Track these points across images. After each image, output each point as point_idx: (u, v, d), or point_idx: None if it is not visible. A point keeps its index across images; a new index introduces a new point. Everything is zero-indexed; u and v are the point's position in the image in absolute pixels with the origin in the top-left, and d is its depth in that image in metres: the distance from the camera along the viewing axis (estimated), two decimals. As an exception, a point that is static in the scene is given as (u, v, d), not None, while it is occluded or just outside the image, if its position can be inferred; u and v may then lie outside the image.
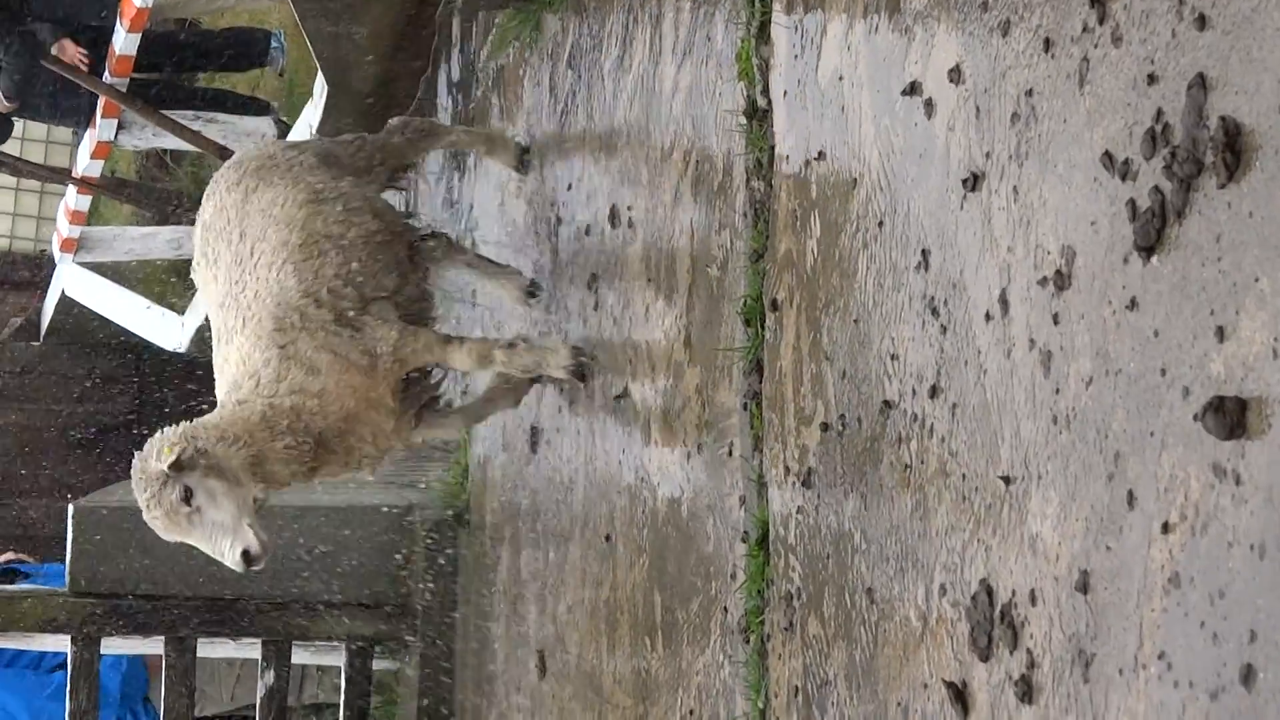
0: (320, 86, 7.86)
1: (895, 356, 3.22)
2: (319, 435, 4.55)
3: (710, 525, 4.12)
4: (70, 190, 10.82)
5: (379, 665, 6.95)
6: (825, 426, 3.51)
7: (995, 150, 2.88)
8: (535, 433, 5.61)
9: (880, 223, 3.30)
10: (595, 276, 5.04)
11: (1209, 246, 2.32)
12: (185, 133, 9.33)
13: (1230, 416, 2.24)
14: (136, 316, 11.26)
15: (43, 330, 13.15)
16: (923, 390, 3.10)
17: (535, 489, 5.61)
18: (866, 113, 3.39)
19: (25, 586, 6.96)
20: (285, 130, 9.38)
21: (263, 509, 4.49)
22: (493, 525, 6.20)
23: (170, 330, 10.89)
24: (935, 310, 3.06)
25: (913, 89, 3.18)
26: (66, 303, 12.06)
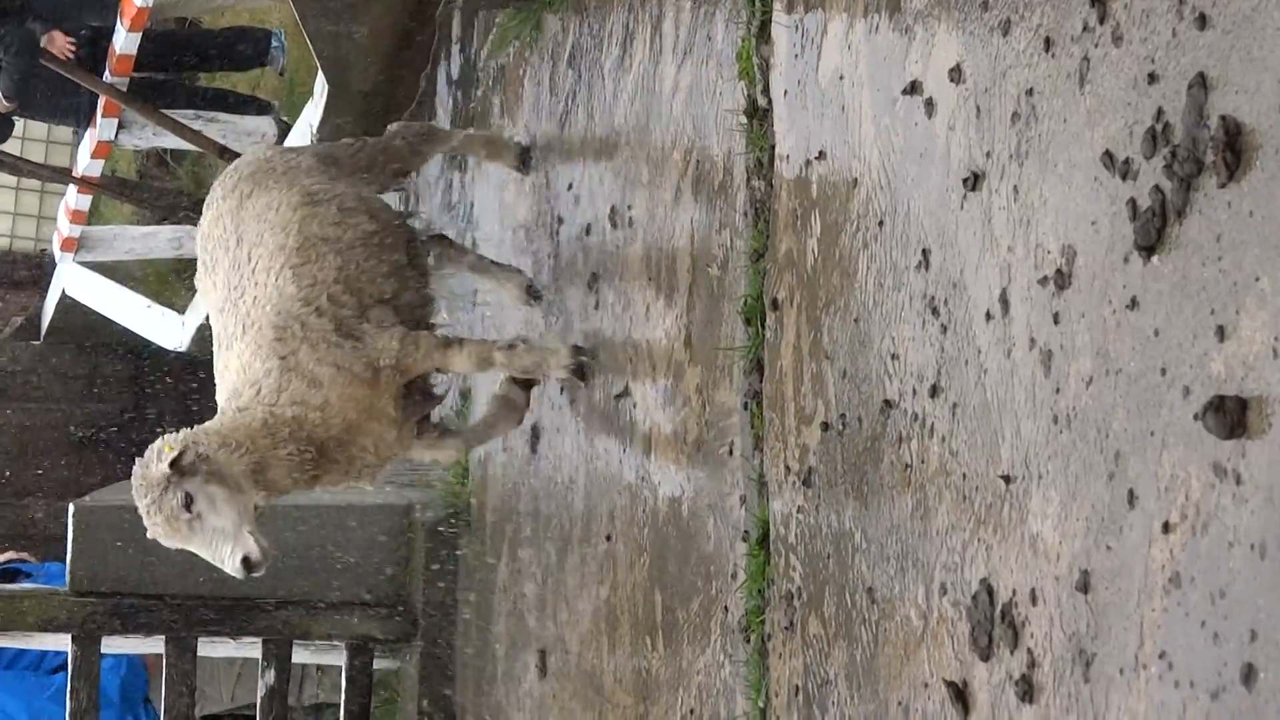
0: (321, 86, 7.86)
1: (896, 356, 3.22)
2: (321, 444, 4.53)
3: (711, 525, 4.12)
4: (71, 189, 10.82)
5: (380, 664, 6.94)
6: (826, 426, 3.51)
7: (996, 150, 2.88)
8: (536, 432, 5.60)
9: (881, 222, 3.30)
10: (596, 276, 5.03)
11: (1209, 246, 2.32)
12: (186, 132, 9.33)
13: (1231, 416, 2.24)
14: (137, 316, 11.26)
15: (43, 329, 13.15)
16: (923, 390, 3.10)
17: (536, 488, 5.61)
18: (867, 112, 3.39)
19: (26, 586, 6.95)
20: (286, 129, 9.38)
21: (262, 515, 4.48)
22: (493, 524, 6.20)
23: (171, 329, 10.89)
24: (936, 310, 3.06)
25: (913, 88, 3.18)
26: (67, 302, 12.05)
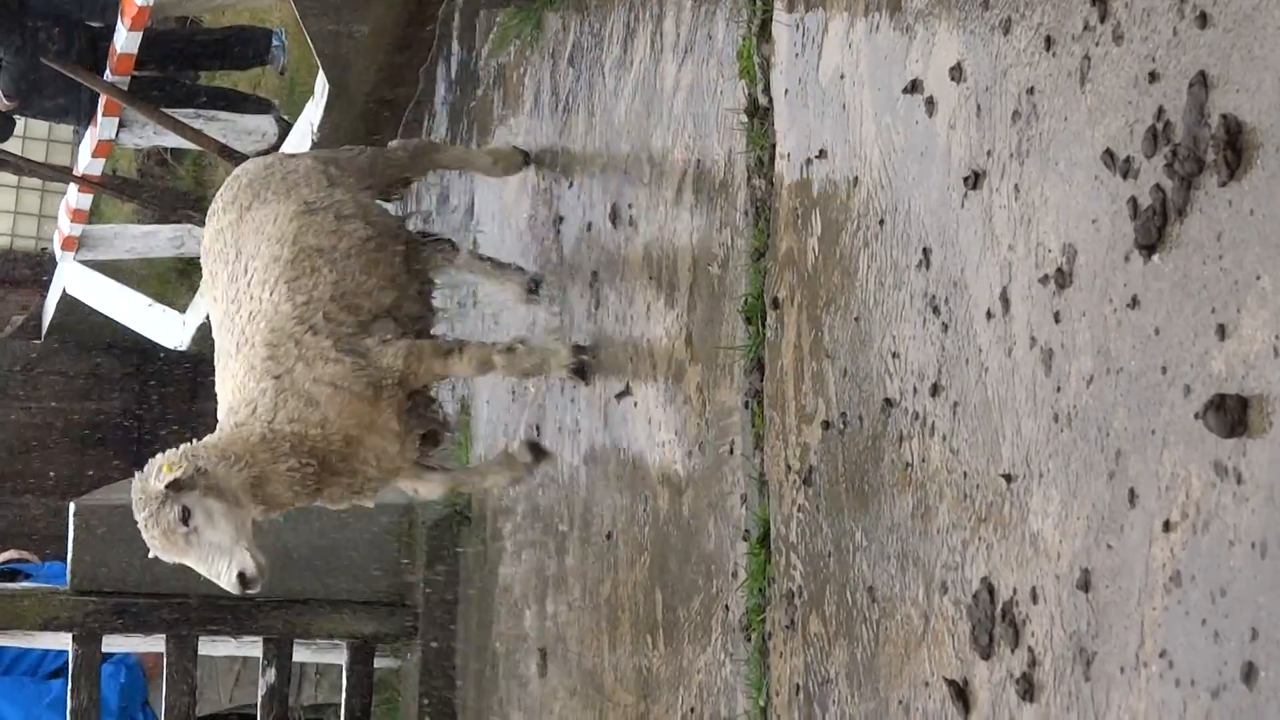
0: (321, 85, 7.87)
1: (896, 355, 3.22)
2: (323, 458, 4.50)
3: (711, 523, 4.12)
4: (71, 188, 10.83)
5: (380, 663, 6.95)
6: (826, 425, 3.51)
7: (996, 148, 2.88)
8: (536, 431, 5.60)
9: (881, 221, 3.30)
10: (596, 275, 5.03)
11: (1210, 244, 2.32)
12: (186, 131, 9.33)
13: (1231, 414, 2.24)
14: (138, 314, 11.27)
15: (44, 328, 13.16)
16: (924, 388, 3.10)
17: (536, 487, 5.61)
18: (868, 111, 3.39)
19: (26, 585, 6.94)
20: (286, 128, 9.38)
21: (261, 530, 4.45)
22: (493, 523, 6.20)
23: (171, 328, 10.90)
24: (936, 308, 3.06)
25: (914, 87, 3.18)
26: (68, 301, 12.06)
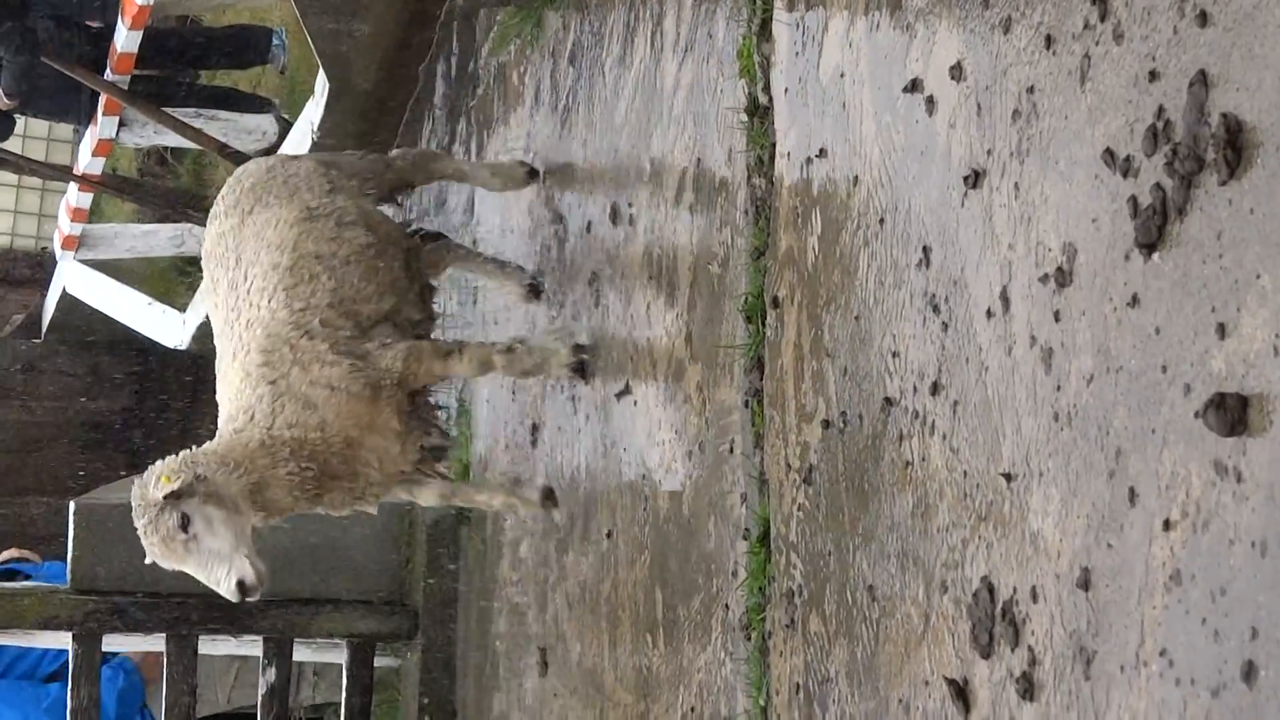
0: (322, 84, 7.86)
1: (896, 354, 3.22)
2: (323, 461, 4.48)
3: (711, 522, 4.12)
4: (72, 187, 10.83)
5: (380, 662, 6.95)
6: (826, 424, 3.51)
7: (996, 147, 2.88)
8: (536, 429, 5.60)
9: (881, 220, 3.30)
10: (596, 274, 5.03)
11: (1210, 243, 2.31)
12: (187, 130, 9.34)
13: (1231, 413, 2.24)
14: (138, 314, 11.27)
15: (44, 328, 13.17)
16: (924, 387, 3.10)
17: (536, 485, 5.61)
18: (868, 110, 3.39)
19: (26, 584, 6.94)
20: (287, 127, 9.38)
21: (261, 536, 4.45)
22: (493, 522, 6.20)
23: (171, 327, 10.90)
24: (936, 307, 3.06)
25: (914, 86, 3.18)
26: (68, 300, 12.06)
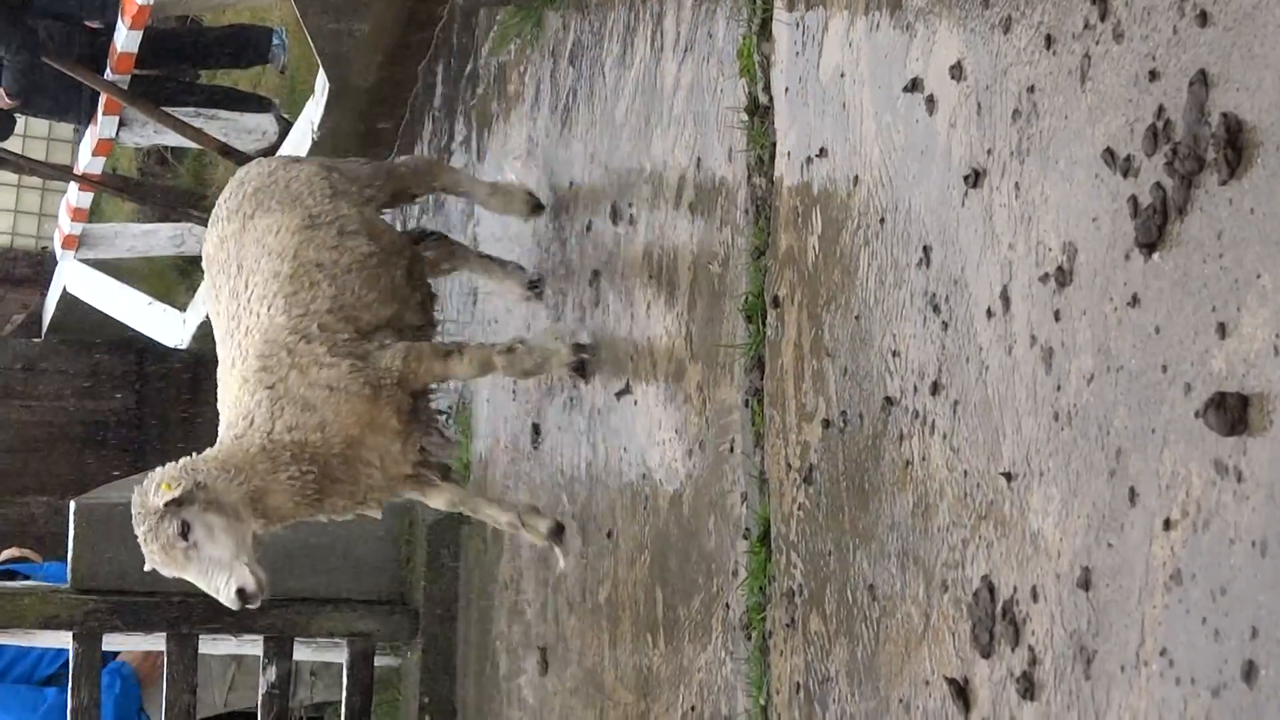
0: (322, 83, 7.87)
1: (896, 353, 3.22)
2: (324, 463, 4.48)
3: (712, 522, 4.12)
4: (72, 187, 10.84)
5: (381, 661, 6.95)
6: (827, 423, 3.51)
7: (996, 147, 2.88)
8: (537, 429, 5.61)
9: (882, 219, 3.30)
10: (597, 274, 5.03)
11: (1210, 243, 2.31)
12: (187, 130, 9.34)
13: (1232, 413, 2.24)
14: (138, 313, 11.28)
15: (44, 327, 13.18)
16: (924, 387, 3.10)
17: (537, 485, 5.61)
18: (868, 109, 3.39)
19: (27, 584, 6.94)
20: (287, 127, 9.38)
21: (261, 544, 4.44)
22: (494, 522, 6.20)
23: (172, 327, 10.91)
24: (937, 307, 3.06)
25: (914, 86, 3.18)
26: (68, 299, 12.07)
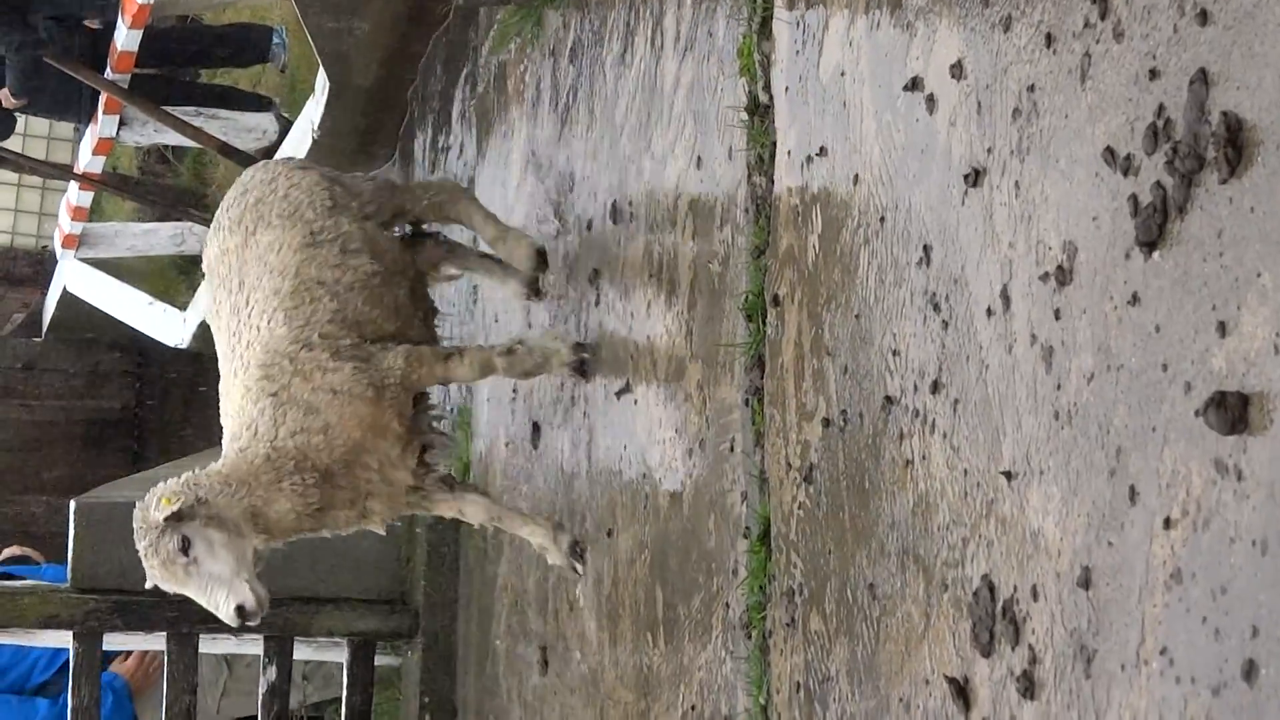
0: (322, 82, 7.87)
1: (897, 352, 3.22)
2: (325, 470, 4.48)
3: (712, 521, 4.12)
4: (72, 186, 10.85)
5: (381, 660, 6.95)
6: (827, 422, 3.51)
7: (997, 146, 2.88)
8: (537, 428, 5.61)
9: (882, 218, 3.30)
10: (597, 272, 5.03)
11: (1211, 242, 2.31)
12: (187, 129, 9.35)
13: (1232, 412, 2.24)
14: (138, 312, 11.29)
15: (44, 326, 13.19)
16: (924, 386, 3.10)
17: (537, 484, 5.61)
18: (868, 108, 3.39)
19: (27, 583, 6.94)
20: (287, 126, 9.39)
21: (262, 560, 4.44)
22: (494, 521, 6.20)
23: (172, 326, 10.92)
24: (937, 306, 3.06)
25: (914, 85, 3.18)
26: (68, 299, 12.07)
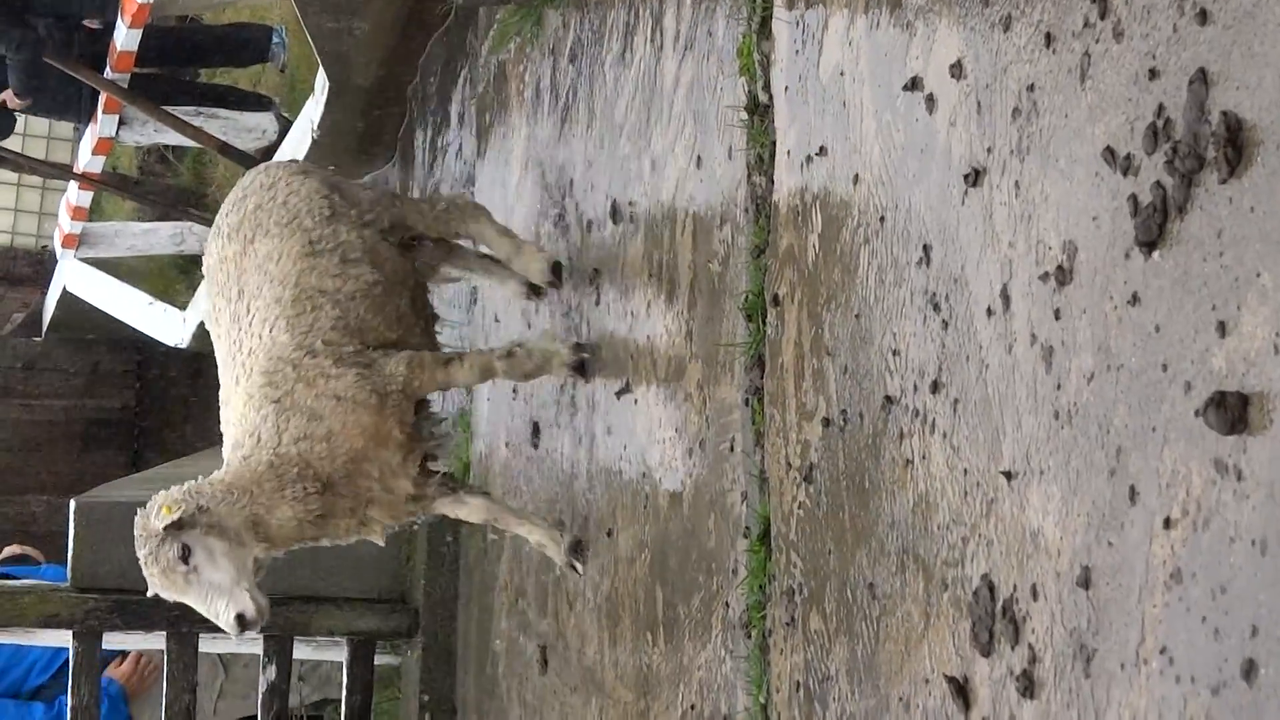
0: (322, 82, 7.87)
1: (896, 352, 3.22)
2: (327, 478, 4.47)
3: (712, 520, 4.12)
4: (72, 186, 10.85)
5: (381, 660, 6.95)
6: (827, 422, 3.51)
7: (996, 145, 2.88)
8: (536, 428, 5.61)
9: (881, 218, 3.30)
10: (597, 272, 5.03)
11: (1210, 242, 2.31)
12: (187, 128, 9.35)
13: (1232, 412, 2.24)
14: (138, 312, 11.29)
15: (44, 326, 13.19)
16: (924, 385, 3.10)
17: (537, 484, 5.61)
18: (868, 108, 3.39)
19: (27, 582, 6.94)
20: (286, 126, 9.39)
21: (262, 569, 4.43)
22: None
23: (172, 326, 10.92)
24: (937, 305, 3.06)
25: (914, 84, 3.18)
26: (68, 298, 12.07)
